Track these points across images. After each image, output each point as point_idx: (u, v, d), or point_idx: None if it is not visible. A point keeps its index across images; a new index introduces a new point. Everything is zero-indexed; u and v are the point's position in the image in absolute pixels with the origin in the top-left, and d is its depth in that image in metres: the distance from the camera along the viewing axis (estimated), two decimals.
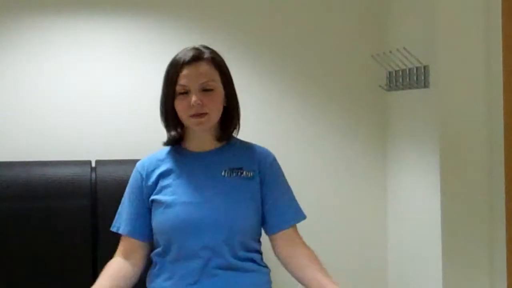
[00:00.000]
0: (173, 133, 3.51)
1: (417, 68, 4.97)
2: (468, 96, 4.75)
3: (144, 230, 3.58)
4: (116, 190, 5.15)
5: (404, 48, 5.04)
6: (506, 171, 4.68)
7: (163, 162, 3.56)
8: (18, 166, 5.40)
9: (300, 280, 3.54)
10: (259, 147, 3.59)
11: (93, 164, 5.42)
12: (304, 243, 3.55)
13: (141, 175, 3.61)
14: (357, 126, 5.76)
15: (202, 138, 3.48)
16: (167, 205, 3.42)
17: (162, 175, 3.49)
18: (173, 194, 3.43)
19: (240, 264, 3.38)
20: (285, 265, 3.57)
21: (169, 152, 3.58)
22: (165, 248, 3.47)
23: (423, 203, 5.10)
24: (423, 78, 4.91)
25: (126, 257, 3.58)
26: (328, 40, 5.73)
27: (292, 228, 3.51)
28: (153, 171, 3.56)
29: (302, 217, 3.57)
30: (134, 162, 5.24)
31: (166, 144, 3.60)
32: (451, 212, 4.77)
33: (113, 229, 3.70)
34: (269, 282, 3.54)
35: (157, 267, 3.53)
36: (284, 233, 3.47)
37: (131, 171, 5.20)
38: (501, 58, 4.69)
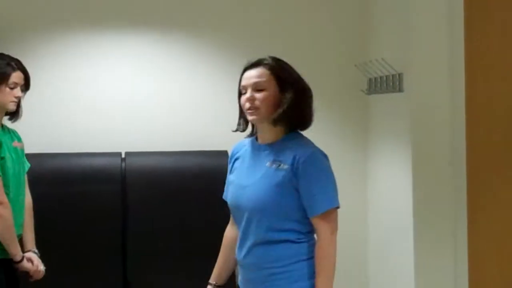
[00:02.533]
0: (242, 125, 3.45)
1: (393, 76, 4.99)
2: (435, 99, 4.75)
3: None
4: (142, 177, 5.37)
5: (382, 59, 5.04)
6: (467, 160, 4.69)
7: (242, 148, 3.47)
8: (61, 157, 5.41)
9: None
10: (304, 144, 3.31)
11: (123, 155, 5.40)
12: (321, 236, 3.27)
13: (231, 154, 3.55)
14: (342, 124, 5.77)
15: (262, 131, 3.36)
16: (230, 183, 3.43)
17: (237, 159, 3.44)
18: (235, 176, 3.41)
19: (269, 241, 3.26)
20: None
21: (249, 141, 3.48)
22: None
23: (397, 187, 5.10)
24: (398, 84, 4.92)
25: (233, 222, 3.53)
26: (318, 51, 5.71)
27: (315, 218, 3.28)
28: (236, 153, 3.50)
29: (319, 212, 3.26)
30: (156, 153, 5.46)
31: (241, 131, 3.52)
32: (421, 194, 4.76)
33: (224, 198, 3.59)
34: (297, 254, 3.27)
35: None
36: (312, 219, 3.27)
37: (154, 161, 5.46)
38: (463, 69, 4.73)
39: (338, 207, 3.25)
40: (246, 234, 3.26)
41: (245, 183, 3.28)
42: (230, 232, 3.52)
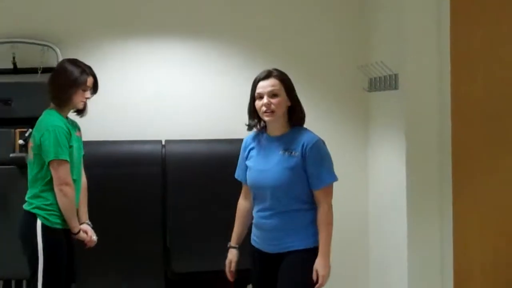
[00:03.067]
0: (252, 122, 3.69)
1: (389, 76, 5.10)
2: (425, 96, 4.89)
3: None
4: (179, 160, 5.54)
5: (381, 62, 5.12)
6: (452, 147, 4.83)
7: (254, 140, 3.73)
8: (110, 144, 5.55)
9: None
10: (309, 135, 3.63)
11: (163, 143, 5.53)
12: (322, 206, 3.57)
13: (245, 145, 3.78)
14: (347, 117, 5.88)
15: (273, 127, 3.63)
16: (249, 168, 3.69)
17: (251, 149, 3.70)
18: (252, 162, 3.68)
19: (286, 210, 3.55)
20: None
21: (259, 134, 3.72)
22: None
23: (393, 170, 5.22)
24: (394, 83, 5.04)
25: (245, 196, 3.85)
26: (326, 56, 5.84)
27: (317, 191, 3.55)
28: (249, 144, 3.75)
29: (321, 187, 3.55)
30: (190, 141, 5.65)
31: (249, 129, 3.76)
32: (413, 176, 4.90)
33: (236, 176, 3.91)
34: (306, 219, 3.56)
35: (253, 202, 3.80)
36: (315, 192, 3.57)
37: (189, 147, 5.63)
38: (449, 70, 4.82)
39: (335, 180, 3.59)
40: (268, 205, 3.57)
41: (263, 168, 3.60)
42: (243, 204, 3.85)
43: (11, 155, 5.12)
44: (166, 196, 5.42)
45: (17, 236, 4.17)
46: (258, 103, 3.55)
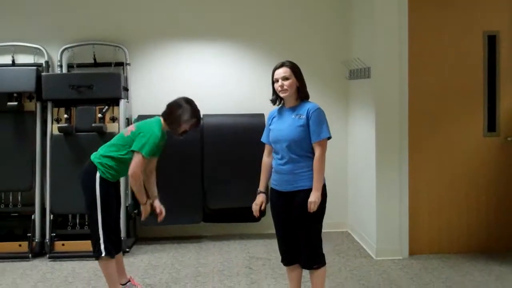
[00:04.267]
0: (274, 98, 3.70)
1: (364, 68, 5.35)
2: (389, 83, 5.06)
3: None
4: (213, 129, 5.71)
5: (358, 58, 5.39)
6: (408, 119, 5.09)
7: (275, 113, 3.73)
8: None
9: None
10: (311, 104, 3.62)
11: (202, 116, 5.24)
12: (316, 154, 3.56)
13: (269, 117, 3.77)
14: (333, 98, 6.06)
15: (288, 101, 3.67)
16: (271, 130, 3.71)
17: (274, 118, 3.73)
18: (274, 125, 3.71)
19: (297, 158, 3.57)
20: None
21: (279, 109, 3.73)
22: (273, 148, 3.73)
23: (366, 135, 5.40)
24: (367, 73, 5.27)
25: (267, 155, 3.81)
26: (319, 54, 6.03)
27: (315, 143, 3.55)
28: (272, 116, 3.75)
29: (319, 139, 3.54)
30: (222, 115, 5.81)
31: (273, 103, 3.74)
32: (380, 139, 5.10)
33: (262, 140, 3.82)
34: (310, 165, 3.55)
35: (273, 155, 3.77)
36: (313, 144, 3.56)
37: (220, 119, 5.77)
38: (407, 64, 5.05)
39: (329, 138, 3.61)
40: (284, 155, 3.61)
41: (281, 127, 3.64)
42: (266, 160, 3.83)
43: (92, 125, 5.41)
44: (203, 155, 5.70)
45: (80, 184, 4.14)
46: (276, 85, 3.65)
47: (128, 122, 5.71)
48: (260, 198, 3.82)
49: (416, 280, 4.60)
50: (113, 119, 5.54)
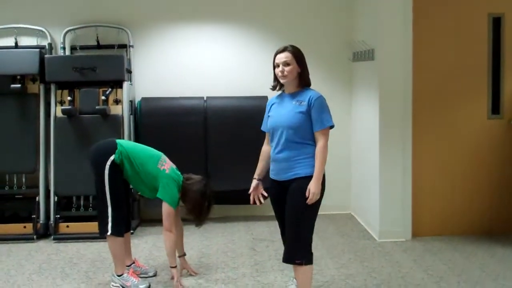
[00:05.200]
0: (274, 83, 3.63)
1: (368, 50, 5.33)
2: (393, 64, 5.04)
3: None
4: (216, 111, 5.72)
5: (362, 40, 5.37)
6: (412, 102, 5.07)
7: (275, 100, 3.64)
8: (168, 99, 5.79)
9: None
10: (313, 92, 3.51)
11: (205, 99, 5.79)
12: (320, 143, 3.43)
13: (268, 104, 3.68)
14: (337, 79, 6.05)
15: (288, 87, 3.57)
16: (270, 117, 3.62)
17: (274, 104, 3.64)
18: (273, 112, 3.61)
19: (294, 145, 3.47)
20: None
21: (279, 95, 3.64)
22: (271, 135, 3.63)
23: (369, 118, 5.40)
24: (371, 55, 5.25)
25: (267, 143, 3.73)
26: (324, 36, 6.01)
27: (317, 132, 3.44)
28: (271, 103, 3.67)
29: (322, 128, 3.43)
30: (225, 97, 5.82)
31: (272, 89, 3.67)
32: (383, 121, 5.08)
33: (261, 129, 3.75)
34: (308, 153, 3.45)
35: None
36: (315, 133, 3.45)
37: (224, 102, 5.76)
38: (411, 47, 5.03)
39: (332, 127, 3.49)
40: (282, 142, 3.50)
41: (280, 113, 3.54)
42: (265, 149, 3.75)
43: (96, 107, 5.41)
44: (207, 137, 5.72)
45: (90, 160, 4.13)
46: (276, 70, 3.54)
47: (132, 104, 5.70)
48: (253, 184, 3.76)
49: (419, 261, 4.60)
50: (117, 102, 5.53)
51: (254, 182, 3.77)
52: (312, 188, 3.39)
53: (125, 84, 5.53)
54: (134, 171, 4.09)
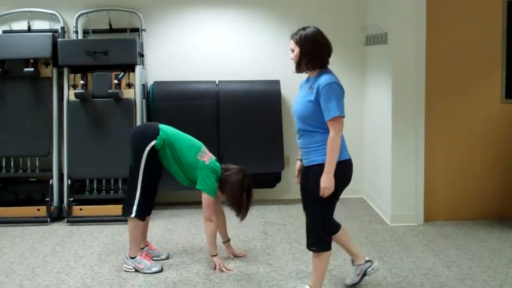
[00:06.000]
0: (296, 67, 3.54)
1: (381, 34, 5.32)
2: (406, 48, 5.03)
3: None
4: (228, 95, 5.76)
5: (376, 24, 5.36)
6: (425, 85, 5.08)
7: (303, 82, 3.58)
8: (181, 83, 5.82)
9: None
10: (325, 77, 3.38)
11: (217, 83, 5.82)
12: (330, 134, 3.33)
13: (300, 86, 3.61)
14: (351, 63, 6.05)
15: (308, 72, 3.51)
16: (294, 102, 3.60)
17: (300, 89, 3.59)
18: (296, 97, 3.57)
19: (306, 133, 3.44)
20: None
21: (307, 77, 3.57)
22: None
23: (382, 102, 5.40)
24: (384, 39, 5.23)
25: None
26: (336, 20, 5.97)
27: (327, 121, 3.33)
28: (300, 85, 3.61)
29: (328, 118, 3.31)
30: (237, 81, 5.84)
31: (296, 72, 3.55)
32: (396, 106, 5.08)
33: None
34: (317, 141, 3.39)
35: None
36: (326, 121, 3.34)
37: (236, 86, 5.80)
38: (424, 30, 5.02)
39: (343, 116, 3.33)
40: (299, 128, 3.49)
41: (297, 100, 3.53)
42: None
43: (109, 91, 5.43)
44: (219, 121, 5.74)
45: (130, 142, 4.10)
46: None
47: (144, 88, 5.71)
48: (297, 166, 3.75)
49: (430, 246, 4.60)
50: (129, 85, 5.54)
51: (296, 163, 3.77)
52: (322, 183, 3.35)
53: (138, 68, 5.53)
54: (174, 159, 4.09)
